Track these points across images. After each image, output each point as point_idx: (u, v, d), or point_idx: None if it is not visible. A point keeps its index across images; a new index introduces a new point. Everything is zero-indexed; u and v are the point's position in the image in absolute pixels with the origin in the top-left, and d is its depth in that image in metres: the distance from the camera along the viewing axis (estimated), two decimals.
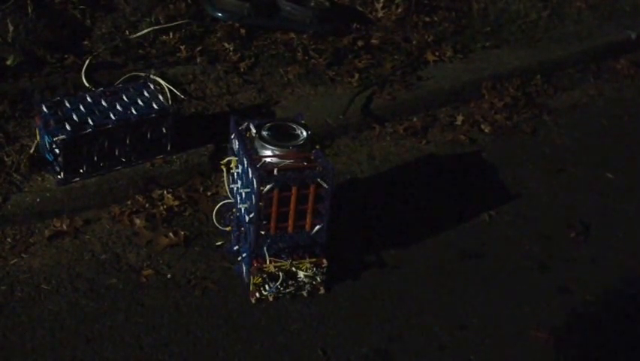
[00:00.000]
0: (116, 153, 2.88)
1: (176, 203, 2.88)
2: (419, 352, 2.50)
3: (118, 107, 2.88)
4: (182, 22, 3.56)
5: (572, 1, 4.29)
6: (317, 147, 2.53)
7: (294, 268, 2.55)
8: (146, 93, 2.97)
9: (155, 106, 2.92)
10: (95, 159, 2.84)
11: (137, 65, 3.33)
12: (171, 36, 3.49)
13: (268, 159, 2.46)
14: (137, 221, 2.80)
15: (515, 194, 3.13)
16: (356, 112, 3.37)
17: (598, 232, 3.01)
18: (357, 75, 3.53)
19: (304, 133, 2.54)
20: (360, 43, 3.71)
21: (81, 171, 2.84)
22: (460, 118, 3.48)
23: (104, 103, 2.89)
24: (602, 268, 2.86)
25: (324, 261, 2.57)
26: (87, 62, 3.22)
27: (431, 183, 3.14)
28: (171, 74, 3.32)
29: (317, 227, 2.51)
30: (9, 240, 2.69)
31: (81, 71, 3.19)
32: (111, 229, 2.78)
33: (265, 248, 2.51)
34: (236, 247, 2.66)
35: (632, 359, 2.57)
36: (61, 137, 2.74)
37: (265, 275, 2.53)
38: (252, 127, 2.55)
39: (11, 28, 3.24)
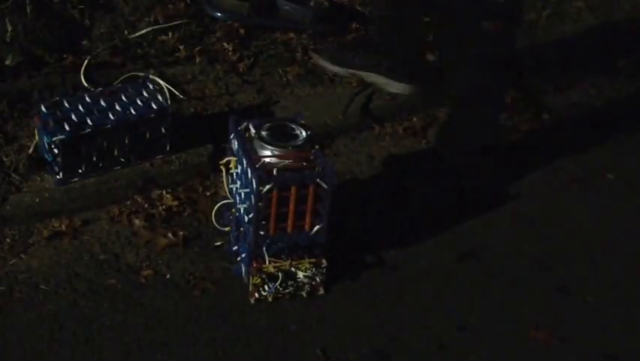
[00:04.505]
0: (115, 153, 2.87)
1: (175, 203, 2.87)
2: (419, 352, 2.49)
3: (117, 107, 2.88)
4: (182, 22, 3.55)
5: (572, 1, 4.28)
6: (316, 147, 2.52)
7: (293, 269, 2.55)
8: (144, 93, 2.97)
9: (154, 106, 2.91)
10: (94, 159, 2.84)
11: (135, 65, 3.32)
12: (170, 36, 3.49)
13: (267, 159, 2.46)
14: (136, 221, 2.80)
15: (515, 194, 3.12)
16: (356, 112, 3.37)
17: (598, 232, 3.01)
18: None
19: (304, 133, 2.54)
20: None
21: (80, 171, 2.83)
22: None
23: (102, 103, 2.89)
24: (602, 267, 2.86)
25: (324, 261, 2.56)
26: (86, 62, 3.22)
27: (431, 184, 3.14)
28: (170, 74, 3.32)
29: (316, 227, 2.50)
30: (8, 240, 2.69)
31: (80, 70, 3.19)
32: (110, 230, 2.78)
33: (264, 248, 2.50)
34: (235, 248, 2.66)
35: (633, 359, 2.57)
36: (60, 137, 2.74)
37: (264, 275, 2.52)
38: (251, 127, 2.55)
39: (10, 27, 3.24)
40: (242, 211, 2.52)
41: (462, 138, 3.13)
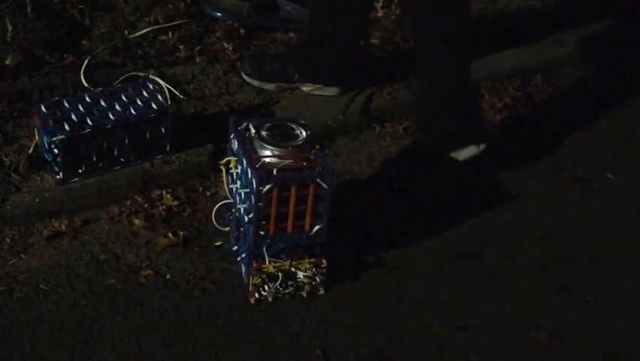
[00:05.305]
0: (115, 153, 2.87)
1: (175, 203, 2.87)
2: (419, 352, 2.49)
3: (117, 107, 2.88)
4: (182, 21, 3.55)
5: (572, 0, 4.28)
6: (317, 147, 2.52)
7: (293, 269, 2.54)
8: (145, 93, 2.97)
9: (154, 106, 2.91)
10: (94, 159, 2.84)
11: (136, 65, 3.32)
12: (170, 36, 3.49)
13: (267, 159, 2.46)
14: (136, 221, 2.80)
15: (515, 194, 3.12)
16: (356, 112, 3.36)
17: (598, 232, 3.01)
18: None
19: (304, 133, 2.54)
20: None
21: (80, 171, 2.83)
22: None
23: (102, 103, 2.89)
24: (602, 268, 2.86)
25: (324, 261, 2.56)
26: (86, 62, 3.22)
27: (431, 183, 3.14)
28: (170, 74, 3.32)
29: (316, 227, 2.50)
30: (8, 240, 2.69)
31: (80, 70, 3.19)
32: (110, 230, 2.78)
33: (264, 248, 2.50)
34: (235, 248, 2.66)
35: (633, 359, 2.57)
36: (60, 137, 2.74)
37: (264, 275, 2.52)
38: (251, 127, 2.55)
39: (10, 27, 3.24)
40: (242, 211, 2.52)
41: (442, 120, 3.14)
